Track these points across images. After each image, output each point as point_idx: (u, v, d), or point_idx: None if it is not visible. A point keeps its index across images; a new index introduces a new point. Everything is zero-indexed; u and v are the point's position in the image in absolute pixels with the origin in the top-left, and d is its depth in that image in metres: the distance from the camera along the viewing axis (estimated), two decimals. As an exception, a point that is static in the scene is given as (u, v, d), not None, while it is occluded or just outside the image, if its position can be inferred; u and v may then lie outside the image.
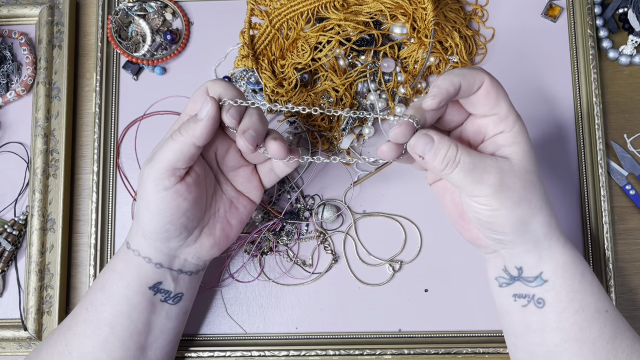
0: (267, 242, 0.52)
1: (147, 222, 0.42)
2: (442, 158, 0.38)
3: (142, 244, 0.43)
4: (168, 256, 0.44)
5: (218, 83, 0.41)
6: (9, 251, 0.52)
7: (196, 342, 0.51)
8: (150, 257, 0.43)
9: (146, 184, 0.41)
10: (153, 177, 0.40)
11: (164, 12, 0.56)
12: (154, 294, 0.44)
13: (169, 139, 0.41)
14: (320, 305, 0.52)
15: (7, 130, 0.55)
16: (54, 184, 0.53)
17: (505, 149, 0.39)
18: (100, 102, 0.54)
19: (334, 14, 0.52)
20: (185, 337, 0.51)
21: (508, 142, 0.39)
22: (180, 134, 0.40)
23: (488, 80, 0.38)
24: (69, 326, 0.45)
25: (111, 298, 0.44)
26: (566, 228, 0.52)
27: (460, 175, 0.38)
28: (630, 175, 0.53)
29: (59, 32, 0.56)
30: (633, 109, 0.54)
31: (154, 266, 0.44)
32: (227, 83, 0.41)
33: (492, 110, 0.39)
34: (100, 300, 0.44)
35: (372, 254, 0.52)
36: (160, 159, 0.40)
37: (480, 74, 0.39)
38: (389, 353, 0.50)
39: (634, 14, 0.54)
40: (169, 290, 0.45)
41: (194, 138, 0.40)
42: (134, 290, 0.44)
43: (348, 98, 0.52)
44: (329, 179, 0.53)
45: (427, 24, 0.50)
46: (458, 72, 0.38)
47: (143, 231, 0.43)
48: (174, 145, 0.40)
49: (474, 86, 0.38)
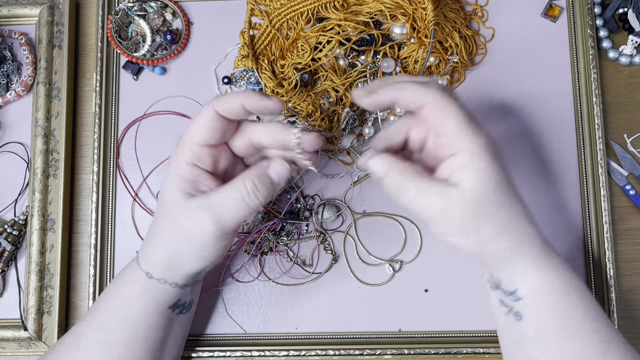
0: (267, 242, 0.52)
1: (191, 263, 0.41)
2: (390, 185, 0.38)
3: (173, 274, 0.42)
4: (196, 277, 0.43)
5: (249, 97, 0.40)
6: (9, 251, 0.52)
7: (196, 342, 0.51)
8: (178, 282, 0.42)
9: (209, 237, 0.39)
10: (221, 234, 0.39)
11: (164, 12, 0.56)
12: (173, 311, 0.44)
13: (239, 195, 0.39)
14: (320, 305, 0.52)
15: (7, 130, 0.55)
16: (54, 184, 0.53)
17: (457, 173, 0.36)
18: (100, 102, 0.54)
19: (334, 14, 0.52)
20: (185, 337, 0.51)
21: (459, 166, 0.36)
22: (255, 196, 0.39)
23: (432, 97, 0.36)
24: (77, 345, 0.43)
25: (127, 321, 0.42)
26: (566, 228, 0.52)
27: (405, 202, 0.38)
28: (630, 175, 0.53)
29: (59, 32, 0.56)
30: (633, 109, 0.54)
31: (179, 288, 0.43)
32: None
33: (439, 130, 0.37)
34: (115, 325, 0.42)
35: (372, 254, 0.52)
36: (232, 221, 0.39)
37: (423, 91, 0.37)
38: (389, 353, 0.50)
39: (634, 14, 0.54)
40: (185, 302, 0.45)
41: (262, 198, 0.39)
42: (154, 312, 0.42)
43: (348, 98, 0.52)
44: (329, 179, 0.53)
45: (427, 24, 0.50)
46: (403, 85, 0.37)
47: (180, 266, 0.41)
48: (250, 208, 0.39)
49: (414, 102, 0.37)
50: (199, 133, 0.39)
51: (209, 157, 0.40)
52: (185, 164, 0.39)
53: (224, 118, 0.39)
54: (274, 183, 0.40)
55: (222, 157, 0.41)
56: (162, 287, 0.42)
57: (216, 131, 0.39)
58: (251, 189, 0.39)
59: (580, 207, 0.52)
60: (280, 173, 0.40)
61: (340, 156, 0.54)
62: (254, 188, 0.39)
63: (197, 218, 0.39)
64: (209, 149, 0.40)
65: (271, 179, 0.40)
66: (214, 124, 0.39)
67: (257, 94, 0.39)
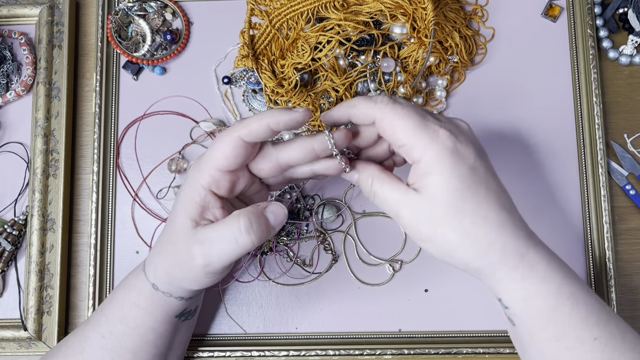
0: (267, 242, 0.52)
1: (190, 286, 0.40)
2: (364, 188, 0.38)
3: (177, 291, 0.41)
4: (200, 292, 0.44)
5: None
6: (9, 251, 0.52)
7: (196, 343, 0.51)
8: (182, 296, 0.42)
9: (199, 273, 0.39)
10: (208, 271, 0.39)
11: (164, 12, 0.56)
12: (179, 318, 0.44)
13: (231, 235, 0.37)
14: (320, 305, 0.52)
15: (7, 130, 0.55)
16: (54, 184, 0.53)
17: (420, 180, 0.36)
18: (100, 102, 0.54)
19: (334, 14, 0.52)
20: (185, 337, 0.51)
21: (420, 173, 0.36)
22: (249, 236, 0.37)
23: (379, 109, 0.36)
24: (81, 349, 0.43)
25: (135, 330, 0.42)
26: (566, 228, 0.52)
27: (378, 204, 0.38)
28: (630, 175, 0.53)
29: (59, 32, 0.56)
30: (633, 109, 0.54)
31: (185, 301, 0.43)
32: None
33: (395, 141, 0.37)
34: (121, 331, 0.42)
35: (372, 254, 0.52)
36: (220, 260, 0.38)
37: (370, 104, 0.37)
38: (389, 353, 0.50)
39: (634, 14, 0.54)
40: (191, 310, 0.45)
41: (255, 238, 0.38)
42: (161, 321, 0.42)
43: (348, 98, 0.52)
44: (329, 179, 0.53)
45: (427, 24, 0.50)
46: (354, 101, 0.38)
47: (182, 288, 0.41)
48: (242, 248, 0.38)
49: (365, 116, 0.37)
50: (221, 159, 0.37)
51: (228, 182, 0.39)
52: (201, 189, 0.38)
53: (248, 143, 0.38)
54: (269, 225, 0.38)
55: (240, 180, 0.40)
56: (168, 299, 0.42)
57: (239, 158, 0.38)
58: (245, 228, 0.37)
59: (580, 207, 0.52)
60: (277, 216, 0.39)
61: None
62: (248, 227, 0.37)
63: (190, 251, 0.38)
64: (228, 174, 0.38)
65: (267, 220, 0.38)
66: (238, 151, 0.37)
67: (281, 110, 0.37)
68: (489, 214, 0.36)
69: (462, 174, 0.35)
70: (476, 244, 0.36)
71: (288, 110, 0.37)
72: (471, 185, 0.36)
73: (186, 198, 0.39)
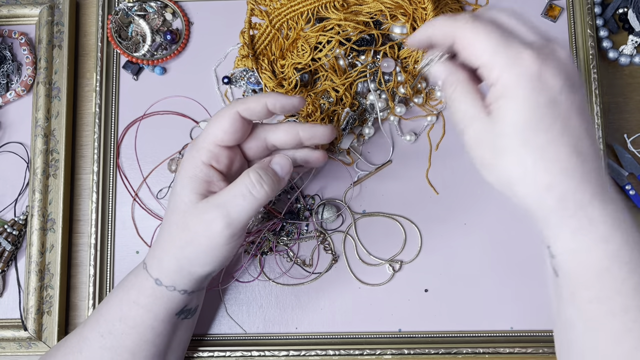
0: (267, 242, 0.52)
1: (203, 267, 0.40)
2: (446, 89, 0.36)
3: (183, 280, 0.41)
4: (204, 282, 0.43)
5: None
6: (9, 251, 0.52)
7: (196, 342, 0.51)
8: (187, 289, 0.42)
9: (219, 237, 0.39)
10: (231, 232, 0.39)
11: (164, 12, 0.56)
12: (179, 317, 0.44)
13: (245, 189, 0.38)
14: (320, 305, 0.52)
15: (7, 130, 0.55)
16: (54, 184, 0.53)
17: (495, 102, 0.34)
18: (100, 102, 0.54)
19: (334, 14, 0.52)
20: (185, 337, 0.51)
21: (496, 95, 0.33)
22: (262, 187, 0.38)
23: (460, 27, 0.34)
24: (80, 349, 0.43)
25: (134, 329, 0.42)
26: (566, 228, 0.52)
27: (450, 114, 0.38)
28: (630, 175, 0.53)
29: (59, 32, 0.56)
30: (633, 109, 0.54)
31: (187, 295, 0.43)
32: None
33: (475, 62, 0.34)
34: (120, 330, 0.42)
35: (372, 254, 0.52)
36: (240, 216, 0.38)
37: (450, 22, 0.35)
38: (389, 353, 0.50)
39: (634, 14, 0.54)
40: (191, 308, 0.45)
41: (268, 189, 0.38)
42: (161, 320, 0.42)
43: (348, 98, 0.52)
44: (329, 179, 0.53)
45: (427, 24, 0.50)
46: (434, 21, 0.36)
47: (191, 271, 0.41)
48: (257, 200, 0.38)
49: (445, 36, 0.35)
50: (219, 133, 0.39)
51: (226, 158, 0.40)
52: (202, 164, 0.39)
53: (245, 119, 0.39)
54: (277, 175, 0.40)
55: (237, 159, 0.42)
56: (170, 294, 0.42)
57: (236, 133, 0.39)
58: (256, 180, 0.38)
59: (580, 207, 0.52)
60: (283, 166, 0.40)
61: (340, 156, 0.54)
62: (259, 179, 0.38)
63: (207, 218, 0.38)
64: (226, 150, 0.40)
65: (274, 171, 0.40)
66: (236, 125, 0.39)
67: (279, 94, 0.39)
68: (558, 155, 0.33)
69: (539, 104, 0.32)
70: (536, 184, 0.33)
71: (285, 95, 0.39)
72: (546, 118, 0.32)
73: (188, 176, 0.40)
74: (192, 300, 0.44)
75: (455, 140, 0.54)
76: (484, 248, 0.52)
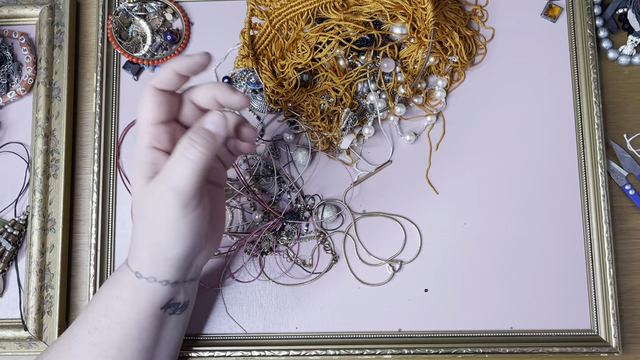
0: (267, 242, 0.52)
1: (173, 248, 0.40)
2: None
3: (160, 268, 0.41)
4: (186, 270, 0.43)
5: None
6: (10, 251, 0.52)
7: (196, 342, 0.51)
8: (168, 279, 0.42)
9: (172, 209, 0.38)
10: (181, 200, 0.38)
11: (164, 12, 0.57)
12: (165, 311, 0.43)
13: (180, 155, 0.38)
14: (320, 305, 0.52)
15: (7, 131, 0.55)
16: (54, 184, 0.53)
17: None
18: (101, 102, 0.54)
19: (334, 14, 0.52)
20: (186, 338, 0.51)
21: None
22: (194, 148, 0.38)
23: None
24: (69, 346, 0.43)
25: (119, 324, 0.42)
26: (566, 227, 0.52)
27: None
28: (630, 175, 0.54)
29: (60, 32, 0.56)
30: (633, 109, 0.54)
31: (170, 286, 0.42)
32: None
33: None
34: (105, 325, 0.42)
35: (372, 254, 0.52)
36: (184, 183, 0.38)
37: None
38: (389, 353, 0.50)
39: (634, 14, 0.54)
40: (179, 302, 0.44)
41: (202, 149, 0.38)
42: (145, 314, 0.42)
43: (348, 98, 0.52)
44: (329, 179, 0.53)
45: (427, 24, 0.50)
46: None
47: (165, 256, 0.40)
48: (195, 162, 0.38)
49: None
50: (147, 112, 0.39)
51: (166, 134, 0.40)
52: (145, 149, 0.40)
53: (165, 91, 0.40)
54: (210, 133, 0.39)
55: (177, 133, 0.41)
56: (152, 286, 0.41)
57: (163, 105, 0.40)
58: (188, 144, 0.38)
59: (580, 207, 0.52)
60: (213, 121, 0.40)
61: (340, 156, 0.54)
62: (190, 142, 0.38)
63: (156, 196, 0.38)
64: (163, 126, 0.40)
65: (206, 130, 0.39)
66: (158, 99, 0.40)
67: (183, 56, 0.40)
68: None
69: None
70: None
71: (190, 56, 0.40)
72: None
73: (137, 165, 0.40)
74: (178, 294, 0.44)
75: (456, 140, 0.54)
76: (484, 248, 0.52)
